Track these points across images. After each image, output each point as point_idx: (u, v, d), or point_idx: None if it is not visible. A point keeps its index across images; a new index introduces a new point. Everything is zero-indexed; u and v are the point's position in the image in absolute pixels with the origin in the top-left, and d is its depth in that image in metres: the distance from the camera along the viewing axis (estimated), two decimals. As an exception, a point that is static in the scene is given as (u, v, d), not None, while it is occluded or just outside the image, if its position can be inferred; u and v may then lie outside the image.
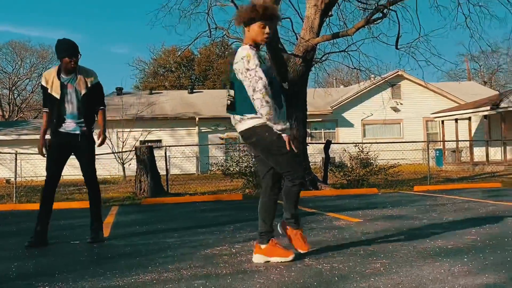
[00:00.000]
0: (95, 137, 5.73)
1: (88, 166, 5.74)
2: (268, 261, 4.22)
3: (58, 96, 5.54)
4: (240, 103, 4.25)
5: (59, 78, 5.58)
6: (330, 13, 14.59)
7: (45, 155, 5.71)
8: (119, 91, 34.38)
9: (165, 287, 3.53)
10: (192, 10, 15.40)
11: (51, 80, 5.59)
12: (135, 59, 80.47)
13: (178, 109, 31.07)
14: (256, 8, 4.27)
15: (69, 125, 5.61)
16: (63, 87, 5.57)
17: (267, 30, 4.26)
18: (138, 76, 54.97)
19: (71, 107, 5.59)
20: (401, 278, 3.56)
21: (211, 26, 15.13)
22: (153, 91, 36.69)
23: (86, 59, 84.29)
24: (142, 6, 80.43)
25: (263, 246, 4.29)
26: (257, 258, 4.28)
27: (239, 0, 13.62)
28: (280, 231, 4.44)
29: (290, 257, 4.24)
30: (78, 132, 5.62)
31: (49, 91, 5.58)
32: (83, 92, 5.59)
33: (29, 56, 51.83)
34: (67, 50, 5.49)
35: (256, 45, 4.32)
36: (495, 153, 25.99)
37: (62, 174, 5.80)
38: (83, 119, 5.63)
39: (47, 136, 5.71)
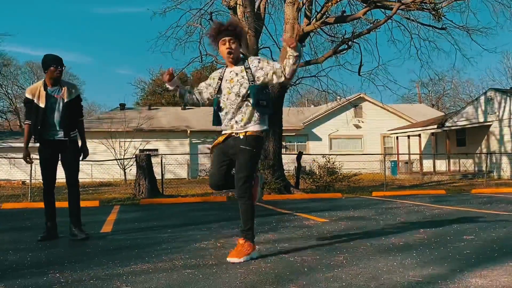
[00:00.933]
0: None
1: (71, 170, 5.43)
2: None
3: (43, 105, 5.24)
4: None
5: (45, 89, 5.32)
6: (303, 44, 14.71)
7: (32, 162, 5.52)
8: (122, 107, 34.08)
9: (160, 275, 3.51)
10: (187, 39, 15.35)
11: (37, 92, 5.30)
12: (136, 79, 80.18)
13: (173, 123, 30.91)
14: (211, 31, 4.04)
15: (57, 132, 5.34)
16: (50, 98, 5.30)
17: (227, 45, 3.98)
18: (139, 94, 54.45)
19: (58, 115, 5.31)
20: (360, 270, 3.59)
21: (202, 53, 15.10)
22: (151, 107, 36.48)
23: (95, 78, 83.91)
24: (144, 34, 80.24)
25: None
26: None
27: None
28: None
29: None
30: (65, 138, 5.35)
31: (35, 101, 5.27)
32: (67, 99, 5.34)
33: (44, 75, 50.99)
34: (52, 61, 5.29)
35: (234, 62, 4.07)
36: (441, 164, 26.28)
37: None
38: (68, 126, 5.35)
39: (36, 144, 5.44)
